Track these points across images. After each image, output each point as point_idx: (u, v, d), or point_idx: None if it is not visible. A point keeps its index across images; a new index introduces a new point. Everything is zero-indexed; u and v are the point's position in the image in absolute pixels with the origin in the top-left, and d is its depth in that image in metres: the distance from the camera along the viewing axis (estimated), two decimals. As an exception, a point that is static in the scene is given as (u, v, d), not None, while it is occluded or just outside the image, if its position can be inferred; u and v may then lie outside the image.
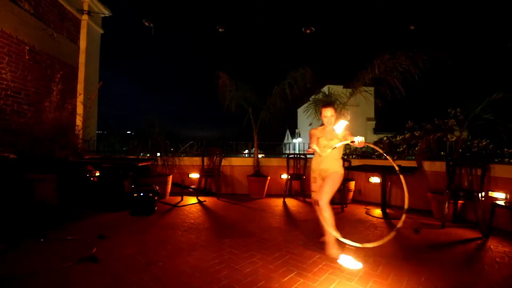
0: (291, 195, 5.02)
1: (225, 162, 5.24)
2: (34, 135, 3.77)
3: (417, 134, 6.59)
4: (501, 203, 2.89)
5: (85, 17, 5.34)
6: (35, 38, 4.16)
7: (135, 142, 4.74)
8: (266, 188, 4.98)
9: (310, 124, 7.12)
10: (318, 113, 5.08)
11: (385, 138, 8.18)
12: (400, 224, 1.91)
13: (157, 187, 3.83)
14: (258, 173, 5.05)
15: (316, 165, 2.53)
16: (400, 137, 7.50)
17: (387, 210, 3.78)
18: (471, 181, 3.42)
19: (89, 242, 2.46)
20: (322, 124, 2.60)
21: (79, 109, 4.93)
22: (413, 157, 5.32)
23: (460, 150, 4.03)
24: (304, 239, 2.70)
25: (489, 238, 2.86)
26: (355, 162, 4.85)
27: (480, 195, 3.13)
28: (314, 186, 2.57)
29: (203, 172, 4.86)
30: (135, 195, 3.51)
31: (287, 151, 7.21)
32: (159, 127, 4.98)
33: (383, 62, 4.11)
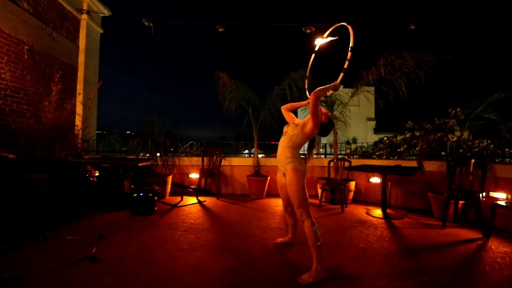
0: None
1: (225, 162, 5.23)
2: (33, 135, 3.76)
3: (417, 134, 6.60)
4: (502, 203, 2.88)
5: (84, 16, 5.33)
6: (34, 37, 4.14)
7: (135, 142, 4.72)
8: (266, 188, 4.97)
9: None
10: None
11: (385, 138, 8.19)
12: None
13: (157, 187, 3.82)
14: (258, 173, 5.04)
15: None
16: (401, 137, 7.50)
17: (388, 210, 3.77)
18: (471, 181, 3.42)
19: (89, 242, 2.45)
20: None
21: (79, 109, 4.91)
22: (414, 157, 5.32)
23: (461, 150, 4.03)
24: (304, 240, 2.68)
25: (489, 238, 2.85)
26: (355, 162, 4.84)
27: (481, 195, 3.12)
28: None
29: (203, 172, 4.85)
30: (135, 195, 3.50)
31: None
32: (159, 127, 4.98)
33: (388, 62, 4.10)
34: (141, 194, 3.52)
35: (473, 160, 3.39)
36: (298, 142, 2.10)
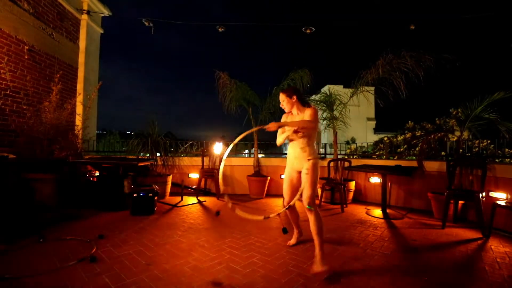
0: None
1: (225, 162, 5.23)
2: (33, 135, 3.77)
3: (418, 134, 6.60)
4: (502, 203, 2.88)
5: (84, 16, 5.33)
6: (34, 37, 4.14)
7: (135, 142, 4.72)
8: (266, 188, 4.97)
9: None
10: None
11: (385, 138, 8.18)
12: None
13: (157, 187, 3.82)
14: (258, 173, 5.04)
15: (288, 156, 2.34)
16: (401, 137, 7.49)
17: (388, 210, 3.77)
18: (471, 181, 3.42)
19: (89, 242, 2.45)
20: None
21: (79, 109, 4.92)
22: (414, 157, 5.31)
23: (461, 150, 4.03)
24: (304, 239, 2.68)
25: (489, 238, 2.85)
26: (355, 162, 4.84)
27: (480, 195, 3.12)
28: (284, 184, 2.41)
29: (203, 172, 4.85)
30: (134, 195, 3.50)
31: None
32: (159, 127, 4.98)
33: (387, 62, 4.10)
34: (141, 194, 3.52)
35: (473, 160, 3.39)
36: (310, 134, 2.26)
